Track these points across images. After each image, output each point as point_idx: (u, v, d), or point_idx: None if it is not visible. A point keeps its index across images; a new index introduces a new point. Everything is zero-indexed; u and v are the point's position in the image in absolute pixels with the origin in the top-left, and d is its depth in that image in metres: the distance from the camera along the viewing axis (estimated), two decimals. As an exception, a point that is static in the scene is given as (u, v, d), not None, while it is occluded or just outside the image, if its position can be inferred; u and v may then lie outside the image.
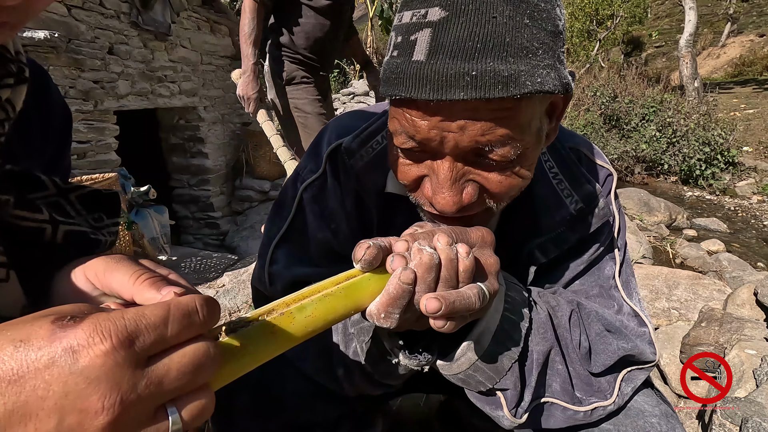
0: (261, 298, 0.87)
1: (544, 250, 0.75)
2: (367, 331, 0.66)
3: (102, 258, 0.43)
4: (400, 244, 0.51)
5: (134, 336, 0.29)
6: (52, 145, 0.59)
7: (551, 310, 0.70)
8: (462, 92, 0.49)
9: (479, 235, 0.56)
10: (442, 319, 0.49)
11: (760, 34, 18.49)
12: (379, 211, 0.77)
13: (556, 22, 0.53)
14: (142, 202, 3.01)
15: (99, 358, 0.28)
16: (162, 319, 0.31)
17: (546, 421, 0.70)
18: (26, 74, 0.47)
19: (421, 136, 0.54)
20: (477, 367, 0.64)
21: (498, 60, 0.49)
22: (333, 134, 0.80)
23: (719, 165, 6.52)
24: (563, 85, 0.54)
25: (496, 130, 0.52)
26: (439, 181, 0.57)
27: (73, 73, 2.90)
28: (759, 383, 1.45)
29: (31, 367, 0.27)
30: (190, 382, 0.32)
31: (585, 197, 0.74)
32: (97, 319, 0.29)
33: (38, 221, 0.45)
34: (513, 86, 0.49)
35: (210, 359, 0.33)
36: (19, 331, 0.28)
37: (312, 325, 0.44)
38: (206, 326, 0.34)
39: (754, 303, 2.04)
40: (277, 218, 0.83)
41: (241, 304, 2.73)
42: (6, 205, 0.43)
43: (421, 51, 0.51)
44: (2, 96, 0.43)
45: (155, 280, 0.39)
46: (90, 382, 0.27)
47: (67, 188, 0.51)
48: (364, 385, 0.72)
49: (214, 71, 4.41)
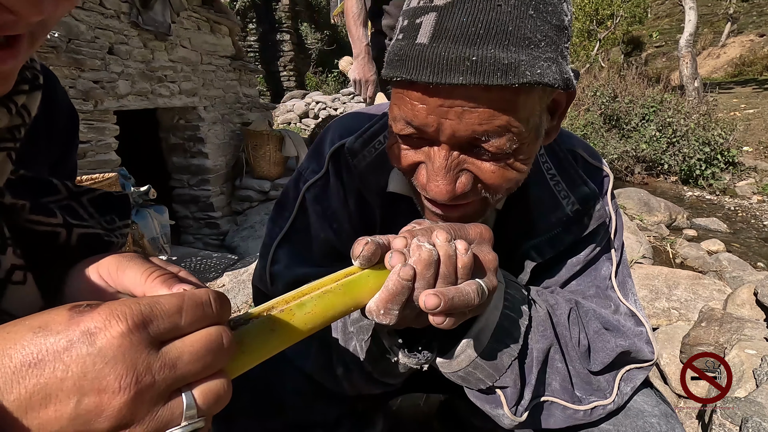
0: (262, 297, 0.88)
1: (539, 251, 0.76)
2: (366, 330, 0.66)
3: (114, 256, 0.44)
4: (398, 241, 0.51)
5: (149, 320, 0.30)
6: (59, 146, 0.60)
7: (550, 308, 0.71)
8: (461, 77, 0.49)
9: (478, 231, 0.56)
10: (441, 316, 0.49)
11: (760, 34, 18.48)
12: (381, 211, 0.77)
13: (561, 17, 0.53)
14: (142, 202, 3.01)
15: (116, 339, 0.29)
16: (176, 307, 0.32)
17: (546, 421, 0.70)
18: (40, 81, 0.48)
19: (419, 122, 0.54)
20: (476, 365, 0.64)
21: (499, 47, 0.49)
22: (335, 135, 0.81)
23: (719, 165, 6.52)
24: (564, 80, 0.54)
25: (494, 120, 0.52)
26: (434, 168, 0.57)
27: (73, 73, 2.90)
28: (759, 383, 1.45)
29: (50, 350, 0.28)
30: (205, 368, 0.33)
31: (581, 199, 0.74)
32: (113, 305, 0.30)
33: (53, 225, 0.46)
34: (512, 75, 0.49)
35: (222, 344, 0.34)
36: (37, 319, 0.30)
37: (311, 322, 0.44)
38: (218, 318, 0.35)
39: (754, 303, 2.04)
40: (279, 218, 0.83)
41: (241, 304, 2.73)
42: (22, 210, 0.44)
43: (424, 34, 0.51)
44: (18, 102, 0.43)
45: (167, 277, 0.40)
46: (107, 362, 0.28)
47: (78, 191, 0.52)
48: (364, 384, 0.72)
49: (214, 71, 4.41)
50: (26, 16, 0.34)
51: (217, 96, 4.47)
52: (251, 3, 13.26)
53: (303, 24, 14.83)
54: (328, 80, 14.12)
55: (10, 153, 0.43)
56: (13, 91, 0.42)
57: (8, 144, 0.42)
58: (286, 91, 12.84)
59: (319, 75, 14.63)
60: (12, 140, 0.43)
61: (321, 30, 15.32)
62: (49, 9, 0.35)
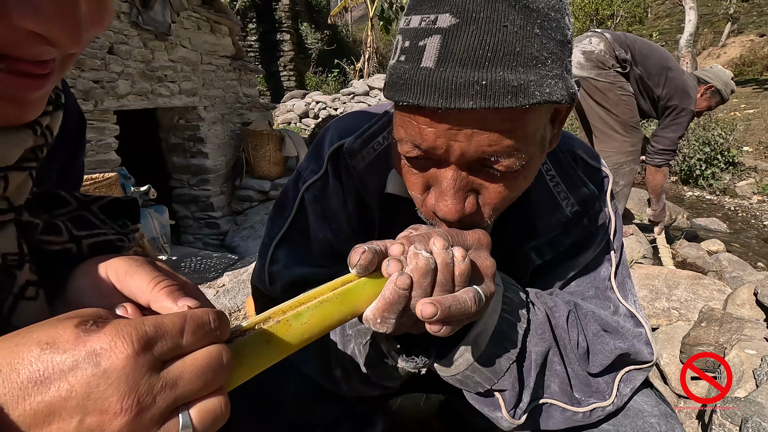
0: (261, 296, 0.87)
1: (539, 253, 0.76)
2: (364, 334, 0.66)
3: (124, 259, 0.44)
4: (395, 248, 0.51)
5: (153, 341, 0.31)
6: (67, 151, 0.60)
7: (549, 310, 0.70)
8: (471, 101, 0.48)
9: (475, 237, 0.56)
10: (438, 324, 0.49)
11: (761, 34, 18.48)
12: (380, 212, 0.77)
13: (565, 31, 0.53)
14: (142, 202, 3.01)
15: (120, 361, 0.29)
16: (179, 327, 0.33)
17: (545, 422, 0.70)
18: (62, 99, 0.48)
19: (427, 145, 0.54)
20: (474, 369, 0.64)
21: (508, 69, 0.48)
22: (335, 134, 0.80)
23: (719, 165, 6.51)
24: (570, 95, 0.54)
25: (503, 140, 0.52)
26: (442, 189, 0.57)
27: (73, 73, 2.90)
28: (759, 383, 1.45)
29: (56, 369, 0.29)
30: (205, 386, 0.33)
31: (581, 200, 0.74)
32: (119, 325, 0.31)
33: (61, 243, 0.47)
34: (522, 96, 0.49)
35: (222, 362, 0.34)
36: (45, 333, 0.30)
37: (308, 332, 0.44)
38: (218, 336, 0.36)
39: (754, 303, 2.04)
40: (278, 218, 0.83)
41: (241, 304, 2.73)
42: (35, 229, 0.45)
43: (430, 58, 0.50)
44: (43, 123, 0.44)
45: (173, 289, 0.40)
46: (110, 383, 0.29)
47: (87, 201, 0.52)
48: (362, 386, 0.72)
49: (214, 71, 4.41)
50: (66, 49, 0.34)
51: (217, 96, 4.47)
52: (251, 3, 13.27)
53: (303, 24, 14.84)
54: (328, 80, 14.12)
55: (31, 172, 0.43)
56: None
57: (31, 164, 0.43)
58: (286, 91, 12.84)
59: (319, 75, 14.64)
60: (35, 160, 0.43)
61: (321, 30, 15.33)
62: (87, 41, 0.35)
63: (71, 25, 0.33)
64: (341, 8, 13.20)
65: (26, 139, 0.41)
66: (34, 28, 0.31)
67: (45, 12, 0.31)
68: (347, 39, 18.58)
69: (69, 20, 0.33)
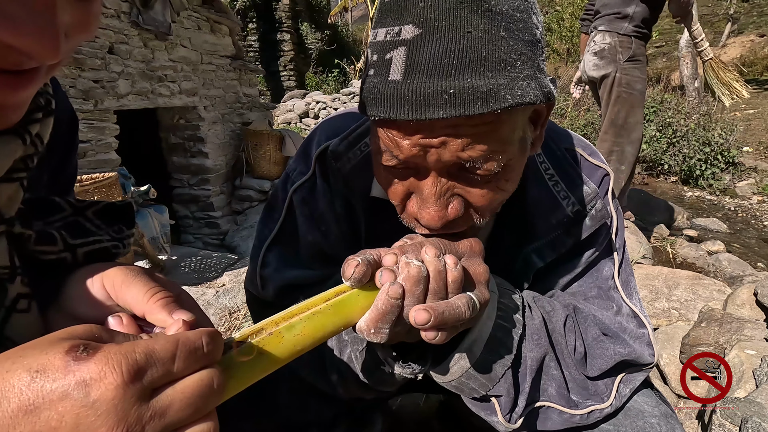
0: (254, 300, 0.87)
1: (541, 255, 0.75)
2: (361, 340, 0.66)
3: (120, 268, 0.44)
4: (388, 258, 0.51)
5: (144, 370, 0.31)
6: (59, 152, 0.60)
7: (546, 315, 0.70)
8: (441, 111, 0.48)
9: (467, 245, 0.57)
10: (433, 330, 0.49)
11: (761, 34, 18.48)
12: (366, 214, 0.76)
13: (533, 31, 0.52)
14: (142, 202, 3.01)
15: (110, 392, 0.29)
16: (170, 354, 0.33)
17: (542, 424, 0.70)
18: (53, 105, 0.47)
19: (405, 155, 0.53)
20: (470, 375, 0.64)
21: (476, 75, 0.48)
22: (323, 135, 0.79)
23: (719, 165, 6.51)
24: (545, 94, 0.53)
25: (477, 145, 0.51)
26: (423, 196, 0.56)
27: (73, 73, 2.90)
28: (759, 383, 1.45)
29: (47, 398, 0.29)
30: (195, 413, 0.33)
31: (581, 199, 0.73)
32: (110, 353, 0.30)
33: (56, 252, 0.46)
34: (493, 101, 0.48)
35: (213, 388, 0.34)
36: (35, 360, 0.30)
37: (301, 343, 0.44)
38: (210, 360, 0.35)
39: (754, 303, 2.04)
40: (268, 220, 0.83)
41: (241, 304, 2.72)
42: (28, 241, 0.44)
43: (396, 70, 0.50)
44: (32, 132, 0.43)
45: (168, 301, 0.40)
46: (99, 414, 0.29)
47: (82, 206, 0.52)
48: (359, 390, 0.72)
49: (214, 71, 4.41)
50: (44, 61, 0.33)
51: (217, 96, 4.47)
52: (251, 3, 13.26)
53: (303, 24, 14.83)
54: (328, 80, 14.11)
55: (22, 182, 0.42)
56: (27, 120, 0.42)
57: (21, 174, 0.42)
58: (286, 91, 12.83)
59: (319, 75, 14.62)
60: (25, 170, 0.43)
61: (321, 30, 15.32)
62: (71, 49, 0.35)
63: (48, 37, 0.32)
64: (341, 8, 13.20)
65: (15, 150, 0.40)
66: (10, 41, 0.30)
67: (21, 26, 0.30)
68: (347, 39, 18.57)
69: (46, 33, 0.32)
